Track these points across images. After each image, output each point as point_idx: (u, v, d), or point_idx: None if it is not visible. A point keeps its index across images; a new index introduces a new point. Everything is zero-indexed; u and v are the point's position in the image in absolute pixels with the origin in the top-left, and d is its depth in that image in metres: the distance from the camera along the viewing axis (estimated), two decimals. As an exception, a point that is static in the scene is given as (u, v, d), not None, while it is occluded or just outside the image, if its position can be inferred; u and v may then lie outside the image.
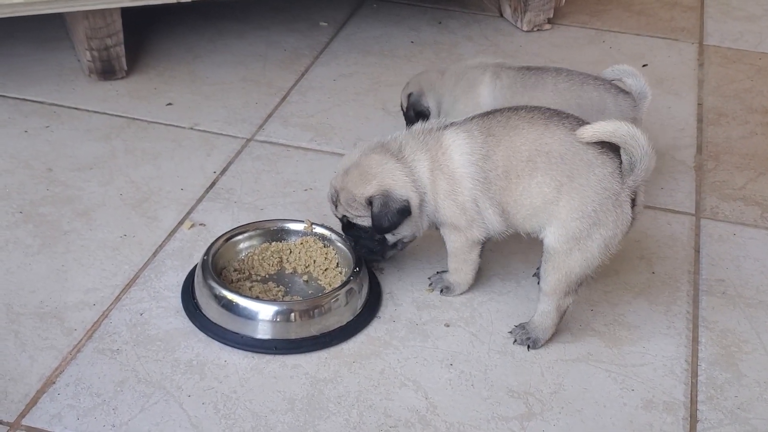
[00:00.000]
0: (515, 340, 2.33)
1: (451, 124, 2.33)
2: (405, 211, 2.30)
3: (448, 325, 2.39)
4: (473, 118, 2.32)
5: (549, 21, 3.94)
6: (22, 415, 2.08)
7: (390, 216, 2.30)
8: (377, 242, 2.41)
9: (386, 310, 2.44)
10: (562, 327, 2.37)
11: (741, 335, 2.41)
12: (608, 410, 2.17)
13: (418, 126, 2.38)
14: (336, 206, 2.40)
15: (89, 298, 2.41)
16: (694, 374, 2.29)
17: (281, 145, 3.11)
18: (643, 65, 3.71)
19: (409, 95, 2.93)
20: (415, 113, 2.90)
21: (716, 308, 2.49)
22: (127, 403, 2.11)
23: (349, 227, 2.42)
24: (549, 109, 2.27)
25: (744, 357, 2.34)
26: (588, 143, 2.16)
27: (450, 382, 2.22)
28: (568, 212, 2.18)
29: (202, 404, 2.13)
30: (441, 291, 2.45)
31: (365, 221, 2.36)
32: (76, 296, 2.42)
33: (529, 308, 2.41)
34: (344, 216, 2.39)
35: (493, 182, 2.24)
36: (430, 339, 2.34)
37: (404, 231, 2.37)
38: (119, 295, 2.43)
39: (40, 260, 2.53)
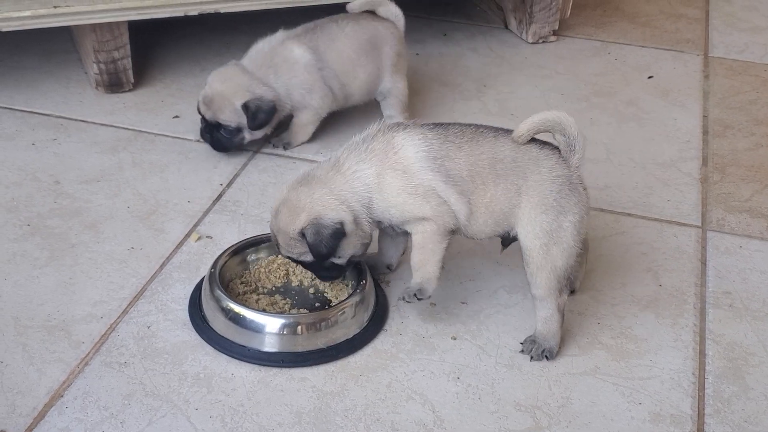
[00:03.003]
0: (531, 357, 2.32)
1: (398, 125, 2.35)
2: (339, 234, 2.28)
3: (454, 338, 2.39)
4: (422, 125, 2.35)
5: (554, 33, 3.95)
6: (30, 428, 2.08)
7: (325, 243, 2.28)
8: (334, 267, 2.38)
9: (393, 323, 2.44)
10: (568, 340, 2.38)
11: (748, 348, 2.41)
12: (616, 424, 2.17)
13: (355, 138, 2.36)
14: (279, 249, 2.38)
15: (97, 310, 2.42)
16: (702, 387, 2.29)
17: (287, 157, 3.12)
18: (649, 77, 3.72)
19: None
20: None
21: (723, 321, 2.49)
22: (134, 417, 2.12)
23: (302, 264, 2.40)
24: (486, 125, 2.38)
25: (751, 370, 2.34)
26: (528, 143, 2.29)
27: (457, 395, 2.22)
28: (531, 209, 2.27)
29: (209, 417, 2.13)
30: (415, 296, 2.32)
31: (308, 256, 2.33)
32: (83, 309, 2.42)
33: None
34: (288, 256, 2.37)
35: (459, 180, 2.28)
36: (437, 352, 2.35)
37: (349, 250, 2.34)
38: (126, 307, 2.43)
39: (48, 273, 2.54)
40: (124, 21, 3.25)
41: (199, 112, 3.04)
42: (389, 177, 2.28)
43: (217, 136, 3.04)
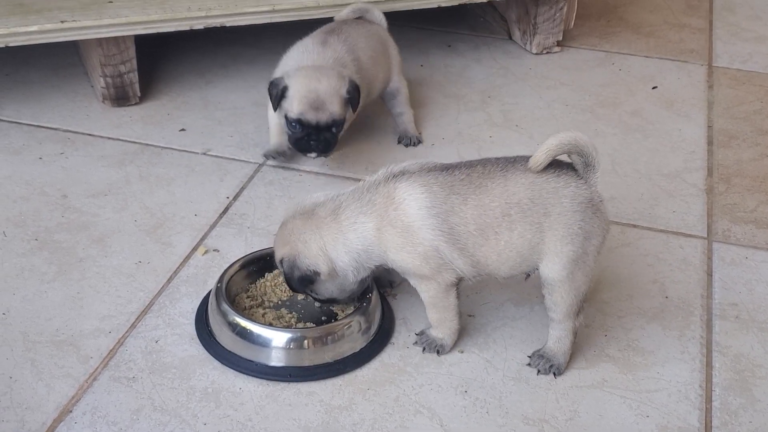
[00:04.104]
0: (539, 371, 2.32)
1: (402, 173, 2.25)
2: (306, 280, 2.28)
3: (462, 351, 2.39)
4: (429, 170, 2.24)
5: (558, 43, 3.96)
6: (40, 444, 2.10)
7: (294, 281, 2.30)
8: (317, 299, 2.42)
9: (400, 336, 2.44)
10: (576, 353, 2.38)
11: (755, 360, 2.41)
12: (623, 437, 2.17)
13: (362, 184, 2.29)
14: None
15: (105, 325, 2.43)
16: (709, 400, 2.29)
17: (293, 169, 3.13)
18: (653, 87, 3.73)
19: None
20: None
21: (729, 333, 2.49)
22: (143, 432, 2.13)
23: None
24: (497, 158, 2.27)
25: (758, 382, 2.34)
26: (543, 171, 2.18)
27: (465, 409, 2.23)
28: (557, 242, 2.19)
29: (217, 432, 2.14)
30: (437, 353, 2.37)
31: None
32: (91, 324, 2.43)
33: (543, 334, 2.41)
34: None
35: (464, 237, 2.19)
36: (444, 365, 2.35)
37: (327, 292, 2.35)
38: (134, 322, 2.44)
39: (56, 287, 2.55)
40: (130, 35, 3.27)
41: (304, 124, 2.88)
42: (389, 234, 2.21)
43: (328, 137, 2.90)
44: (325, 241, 2.25)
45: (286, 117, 2.90)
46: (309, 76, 2.87)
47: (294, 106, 2.85)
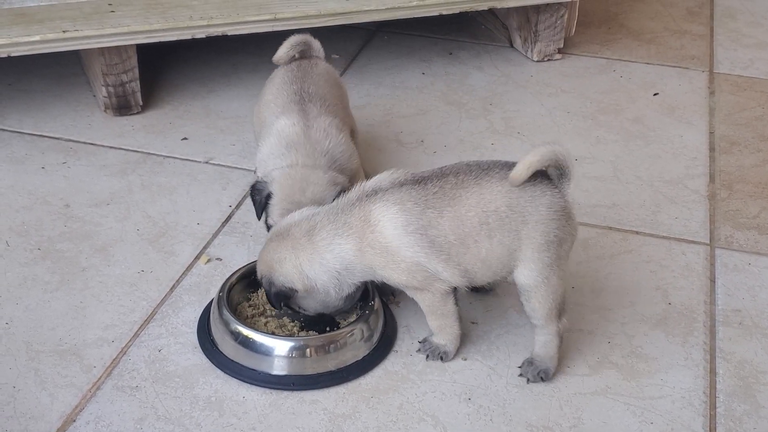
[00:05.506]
0: (528, 380, 2.32)
1: (375, 192, 2.24)
2: (282, 296, 2.30)
3: (465, 359, 2.39)
4: (401, 185, 2.23)
5: (559, 51, 3.96)
6: (43, 453, 2.09)
7: (271, 297, 2.33)
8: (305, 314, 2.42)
9: (403, 344, 2.44)
10: (579, 360, 2.38)
11: (758, 366, 2.41)
12: (627, 444, 2.17)
13: (336, 203, 2.29)
14: None
15: (108, 334, 2.43)
16: (713, 406, 2.28)
17: (296, 178, 3.13)
18: (654, 94, 3.73)
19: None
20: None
21: (733, 339, 2.49)
22: (146, 441, 2.13)
23: None
24: (469, 165, 2.26)
25: (762, 388, 2.34)
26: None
27: (468, 416, 2.22)
28: (534, 250, 2.20)
29: (221, 441, 2.13)
30: (441, 359, 2.38)
31: None
32: (94, 333, 2.43)
33: (545, 341, 2.41)
34: None
35: (445, 248, 2.19)
36: (447, 373, 2.35)
37: (310, 308, 2.36)
38: (137, 331, 2.44)
39: (59, 297, 2.55)
40: (132, 44, 3.28)
41: None
42: (369, 255, 2.22)
43: None
44: (300, 260, 2.26)
45: (266, 223, 2.63)
46: (293, 185, 2.55)
47: (275, 216, 2.57)
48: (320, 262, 2.25)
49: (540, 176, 2.22)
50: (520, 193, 2.20)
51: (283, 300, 2.32)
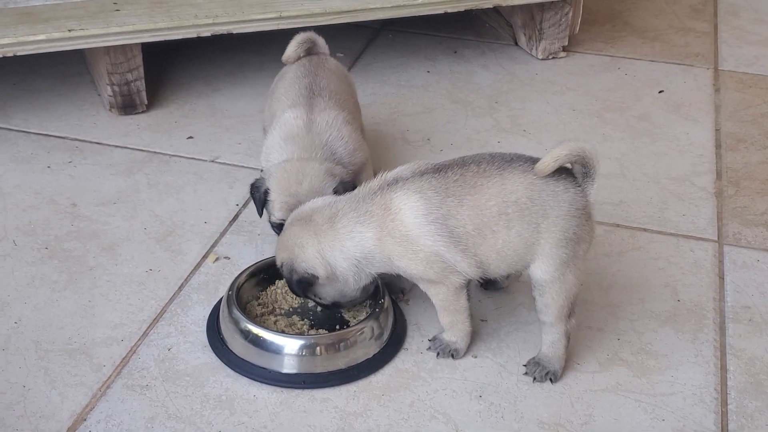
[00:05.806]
0: (534, 378, 2.31)
1: (396, 181, 2.25)
2: (306, 283, 2.29)
3: (475, 356, 2.39)
4: (422, 174, 2.24)
5: (564, 49, 3.96)
6: (54, 452, 2.09)
7: (293, 284, 2.31)
8: (322, 304, 2.42)
9: (413, 342, 2.44)
10: (589, 357, 2.38)
11: (769, 363, 2.41)
12: (639, 441, 2.17)
13: (358, 192, 2.29)
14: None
15: (117, 333, 2.42)
16: (724, 403, 2.28)
17: (302, 176, 3.12)
18: (660, 91, 3.73)
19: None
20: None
21: (743, 335, 2.49)
22: (158, 440, 2.12)
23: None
24: (492, 155, 2.25)
25: (773, 385, 2.34)
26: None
27: (480, 413, 2.22)
28: (552, 245, 2.20)
29: (232, 440, 2.13)
30: (452, 356, 2.38)
31: None
32: (103, 332, 2.43)
33: (556, 338, 2.41)
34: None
35: (464, 238, 2.19)
36: (458, 370, 2.34)
37: (329, 297, 2.36)
38: (146, 330, 2.44)
39: (67, 296, 2.54)
40: (137, 43, 3.27)
41: None
42: (389, 244, 2.22)
43: None
44: (322, 246, 2.25)
45: (269, 221, 2.64)
46: (290, 178, 2.54)
47: (275, 211, 2.57)
48: (341, 249, 2.25)
49: (565, 173, 2.22)
50: (543, 187, 2.19)
51: (306, 287, 2.31)
